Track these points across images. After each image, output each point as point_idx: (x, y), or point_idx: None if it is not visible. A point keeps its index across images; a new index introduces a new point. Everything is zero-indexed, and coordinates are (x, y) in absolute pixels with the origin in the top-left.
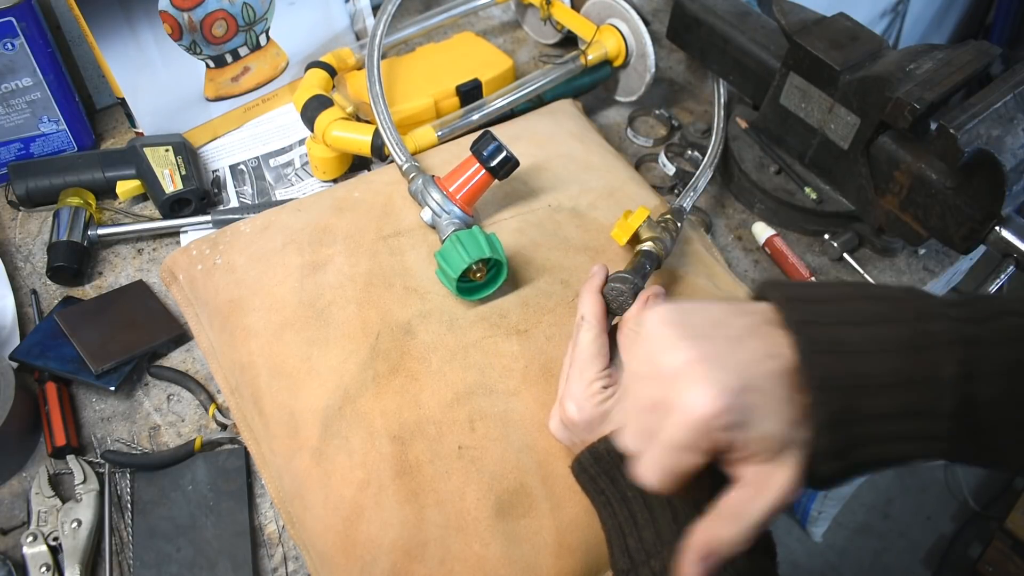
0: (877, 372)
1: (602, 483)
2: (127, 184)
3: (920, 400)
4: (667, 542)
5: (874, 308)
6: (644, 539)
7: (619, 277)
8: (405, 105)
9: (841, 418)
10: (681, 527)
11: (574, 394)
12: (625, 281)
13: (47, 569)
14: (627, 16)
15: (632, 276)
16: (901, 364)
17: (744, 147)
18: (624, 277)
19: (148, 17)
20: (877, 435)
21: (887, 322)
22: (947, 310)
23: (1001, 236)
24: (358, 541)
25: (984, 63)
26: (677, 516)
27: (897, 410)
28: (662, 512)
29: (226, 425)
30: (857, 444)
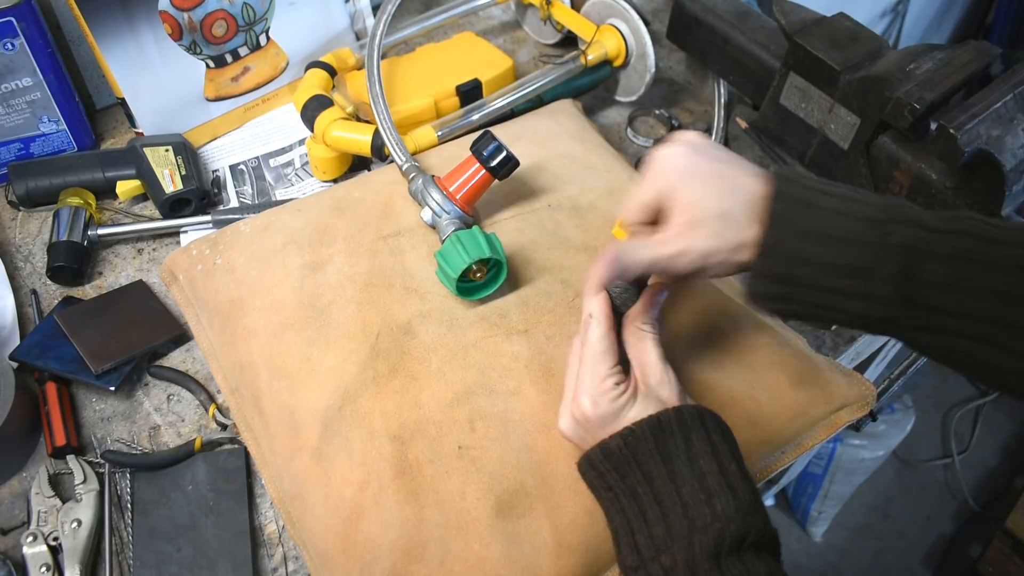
0: (831, 226)
1: (611, 479)
2: (127, 184)
3: (863, 259)
4: (677, 537)
5: (848, 191)
6: (654, 535)
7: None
8: (405, 105)
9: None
10: (692, 522)
11: (588, 389)
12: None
13: (47, 569)
14: (627, 16)
15: None
16: (855, 226)
17: (744, 147)
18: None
19: (148, 17)
20: (816, 284)
21: (859, 201)
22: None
23: None
24: (358, 541)
25: (984, 63)
26: (688, 511)
27: (840, 262)
28: (672, 508)
29: (226, 425)
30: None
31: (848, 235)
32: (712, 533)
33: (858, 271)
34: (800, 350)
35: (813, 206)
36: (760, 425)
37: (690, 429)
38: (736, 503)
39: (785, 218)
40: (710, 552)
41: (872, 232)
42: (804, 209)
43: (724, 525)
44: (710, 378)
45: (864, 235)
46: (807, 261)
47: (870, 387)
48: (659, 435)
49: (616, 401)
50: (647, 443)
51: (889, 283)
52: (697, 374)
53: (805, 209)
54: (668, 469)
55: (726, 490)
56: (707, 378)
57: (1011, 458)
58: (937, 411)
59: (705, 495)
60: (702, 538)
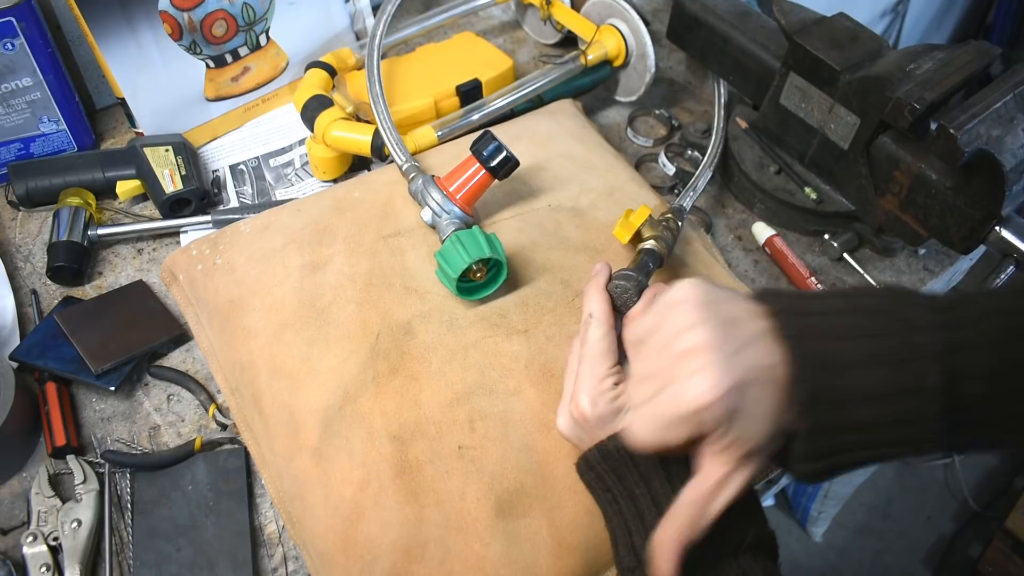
0: (865, 384)
1: (609, 480)
2: (127, 184)
3: (907, 409)
4: None
5: (863, 322)
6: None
7: (623, 275)
8: (405, 105)
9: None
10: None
11: (587, 389)
12: (629, 279)
13: (47, 569)
14: (627, 16)
15: (636, 274)
16: (888, 376)
17: (744, 147)
18: (629, 275)
19: (148, 17)
20: (863, 442)
21: (876, 336)
22: (934, 318)
23: (1001, 236)
24: (358, 541)
25: (984, 63)
26: None
27: (885, 419)
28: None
29: (226, 425)
30: (841, 450)
31: (884, 390)
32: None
33: (904, 422)
34: None
35: (835, 366)
36: None
37: None
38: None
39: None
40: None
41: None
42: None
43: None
44: None
45: (899, 382)
46: (849, 429)
47: None
48: None
49: (615, 401)
50: None
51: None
52: None
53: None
54: (666, 470)
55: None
56: None
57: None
58: None
59: None
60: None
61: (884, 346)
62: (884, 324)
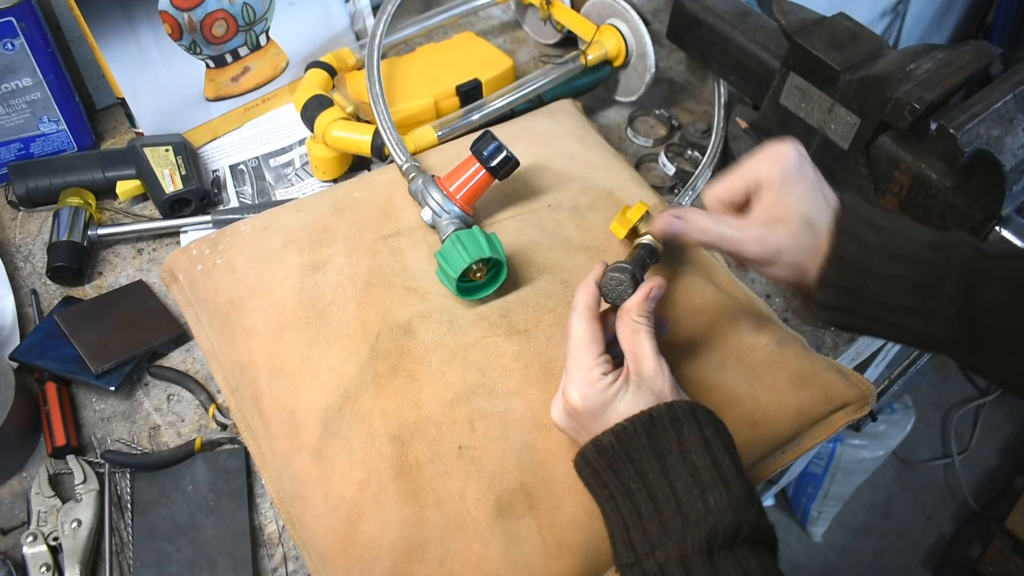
0: (896, 246)
1: (605, 476)
2: (127, 184)
3: (925, 276)
4: (671, 533)
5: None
6: (648, 531)
7: (618, 267)
8: (405, 105)
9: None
10: (686, 517)
11: (575, 381)
12: (624, 271)
13: (47, 569)
14: (627, 16)
15: (631, 266)
16: (918, 248)
17: (744, 147)
18: (624, 267)
19: (148, 17)
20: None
21: (921, 229)
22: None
23: (1001, 236)
24: (358, 541)
25: (984, 63)
26: (682, 506)
27: (904, 278)
28: (666, 503)
29: (226, 425)
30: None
31: (912, 254)
32: (705, 528)
33: (920, 287)
34: (800, 350)
35: (880, 228)
36: (760, 425)
37: (683, 424)
38: (730, 497)
39: (855, 234)
40: (702, 546)
41: (934, 253)
42: (872, 229)
43: (717, 519)
44: (710, 378)
45: (926, 255)
46: (873, 275)
47: (870, 387)
48: (651, 431)
49: (605, 392)
50: (639, 439)
51: (949, 301)
52: (697, 374)
53: (873, 229)
54: (661, 465)
55: (719, 484)
56: (707, 378)
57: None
58: (937, 411)
59: (698, 490)
60: (694, 532)
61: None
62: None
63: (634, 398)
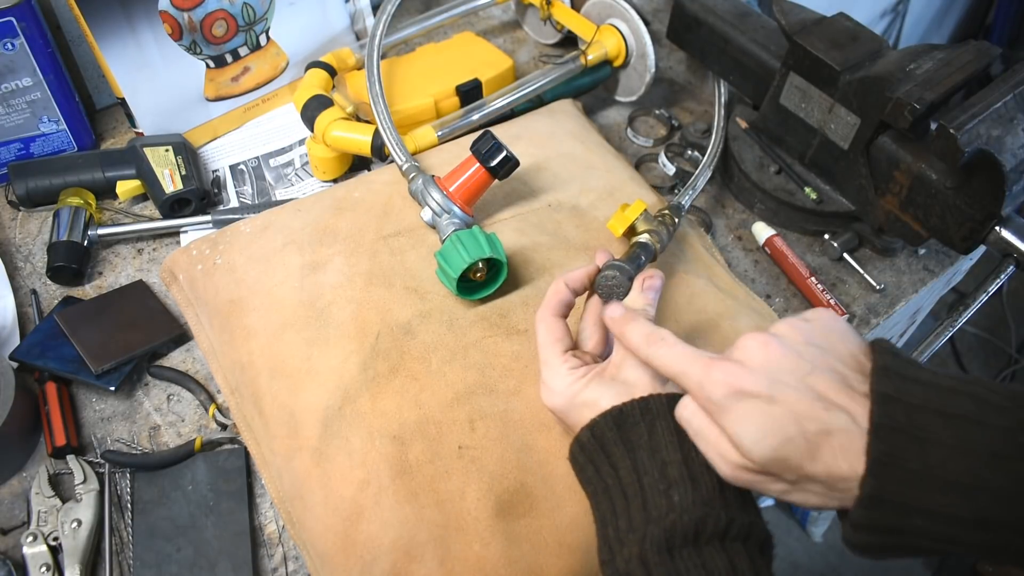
0: (950, 469)
1: (589, 472)
2: (127, 184)
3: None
4: (636, 529)
5: (970, 405)
6: (620, 528)
7: (613, 265)
8: (405, 105)
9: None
10: (650, 515)
11: (544, 379)
12: (621, 269)
13: (47, 569)
14: (627, 16)
15: (626, 264)
16: (978, 468)
17: (744, 147)
18: (619, 265)
19: (148, 17)
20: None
21: (979, 423)
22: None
23: (1001, 236)
24: (358, 541)
25: (984, 63)
26: (647, 503)
27: (962, 513)
28: (634, 499)
29: (226, 425)
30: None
31: (972, 481)
32: (664, 525)
33: (984, 523)
34: None
35: (926, 439)
36: None
37: (655, 418)
38: (695, 494)
39: (892, 461)
40: (661, 544)
41: (1000, 477)
42: (915, 444)
43: (677, 516)
44: None
45: (991, 481)
46: (921, 512)
47: None
48: (622, 425)
49: (572, 386)
50: (612, 433)
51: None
52: None
53: (916, 444)
54: (632, 460)
55: (687, 481)
56: None
57: None
58: None
59: (664, 485)
60: (654, 530)
61: (985, 436)
62: (992, 416)
63: (603, 389)
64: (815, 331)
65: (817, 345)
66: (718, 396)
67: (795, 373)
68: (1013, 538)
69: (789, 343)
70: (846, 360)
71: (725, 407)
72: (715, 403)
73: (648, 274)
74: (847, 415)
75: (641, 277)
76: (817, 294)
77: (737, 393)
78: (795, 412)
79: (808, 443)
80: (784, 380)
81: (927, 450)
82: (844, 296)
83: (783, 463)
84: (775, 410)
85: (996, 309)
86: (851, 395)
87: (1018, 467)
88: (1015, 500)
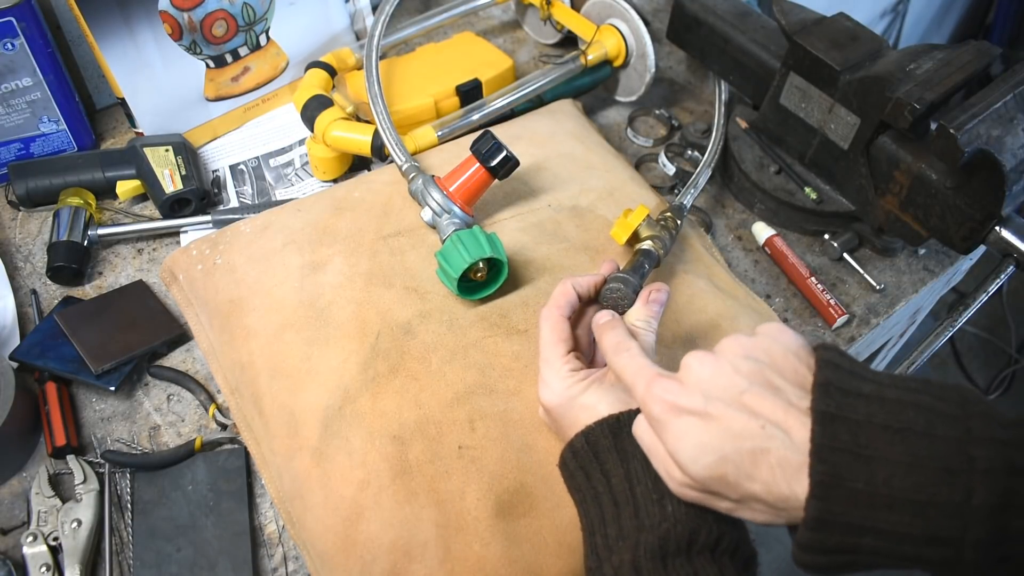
0: (897, 486)
1: (579, 479)
2: (127, 184)
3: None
4: (626, 537)
5: (916, 417)
6: (608, 535)
7: (618, 278)
8: (405, 105)
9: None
10: (641, 522)
11: (544, 378)
12: (626, 282)
13: (47, 569)
14: (627, 16)
15: (631, 276)
16: (928, 483)
17: (744, 147)
18: (624, 278)
19: (148, 17)
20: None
21: (926, 435)
22: (999, 432)
23: (1001, 236)
24: (358, 541)
25: (984, 63)
26: (639, 511)
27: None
28: (625, 507)
29: (226, 425)
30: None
31: (922, 497)
32: (658, 533)
33: (936, 540)
34: None
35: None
36: None
37: None
38: (687, 506)
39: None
40: (655, 552)
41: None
42: (859, 463)
43: (671, 525)
44: None
45: (940, 495)
46: (870, 531)
47: None
48: (618, 433)
49: (571, 388)
50: (606, 440)
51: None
52: None
53: (861, 463)
54: (625, 469)
55: None
56: None
57: None
58: None
59: (657, 495)
60: (647, 537)
61: (933, 450)
62: (940, 426)
63: (601, 395)
64: (758, 346)
65: (756, 360)
66: (656, 412)
67: (730, 390)
68: (968, 553)
69: (728, 359)
70: (786, 374)
71: (664, 423)
72: (655, 419)
73: (655, 287)
74: (782, 432)
75: (647, 289)
76: (817, 294)
77: (673, 409)
78: (730, 430)
79: (744, 461)
80: (719, 397)
81: (873, 468)
82: (844, 296)
83: (721, 481)
84: (711, 427)
85: (996, 309)
86: (787, 411)
87: (968, 481)
88: (968, 515)
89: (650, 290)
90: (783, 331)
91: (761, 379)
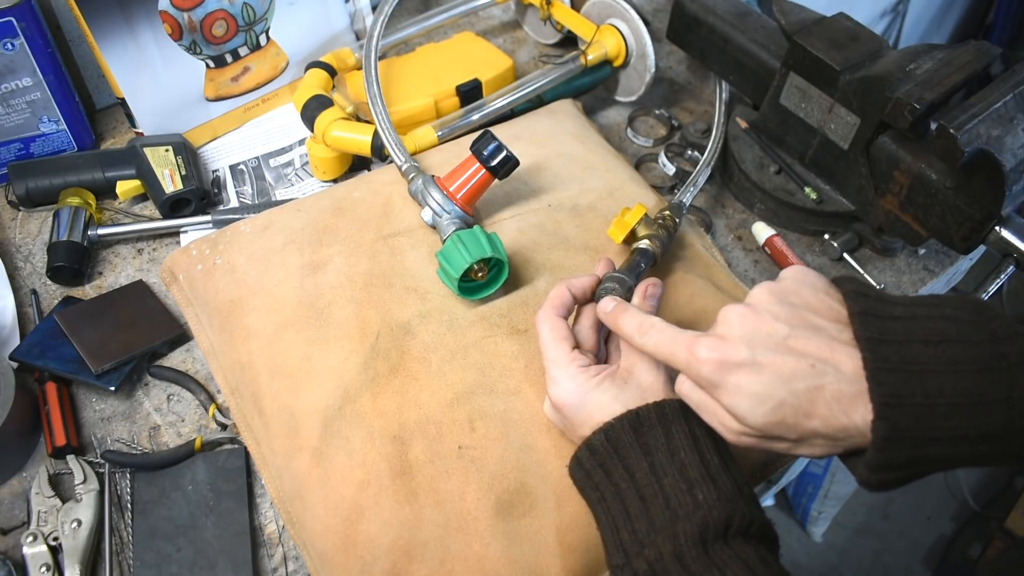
0: (948, 393)
1: (597, 477)
2: (127, 184)
3: (994, 421)
4: (660, 529)
5: (948, 328)
6: (637, 530)
7: (613, 278)
8: (405, 105)
9: (903, 436)
10: (674, 512)
11: (554, 376)
12: (621, 282)
13: (47, 569)
14: (627, 16)
15: (626, 275)
16: (974, 385)
17: (744, 147)
18: (619, 277)
19: (148, 17)
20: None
21: (961, 342)
22: (1020, 328)
23: (1001, 236)
24: (358, 541)
25: (984, 63)
26: (670, 502)
27: (970, 431)
28: (654, 500)
29: (226, 425)
30: (919, 462)
31: (970, 399)
32: (696, 520)
33: (988, 436)
34: None
35: (920, 371)
36: None
37: (671, 422)
38: (717, 492)
39: (897, 401)
40: (696, 539)
41: (994, 389)
42: (912, 378)
43: (707, 512)
44: None
45: (987, 394)
46: (933, 440)
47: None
48: (638, 428)
49: (584, 384)
50: (627, 436)
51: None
52: None
53: (913, 378)
54: (649, 463)
55: (708, 480)
56: None
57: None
58: None
59: (686, 485)
60: (686, 526)
61: (970, 355)
62: (969, 332)
63: (616, 391)
64: (788, 290)
65: (791, 304)
66: (706, 372)
67: (773, 336)
68: (1015, 442)
69: (764, 308)
70: (822, 312)
71: (715, 382)
72: (706, 379)
73: (650, 282)
74: (832, 367)
75: (643, 285)
76: None
77: (723, 366)
78: (781, 375)
79: (800, 402)
80: (764, 345)
81: (925, 381)
82: None
83: (781, 425)
84: (763, 377)
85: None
86: (832, 346)
87: (1007, 377)
88: (1013, 407)
89: (647, 285)
90: (807, 272)
91: (800, 321)
